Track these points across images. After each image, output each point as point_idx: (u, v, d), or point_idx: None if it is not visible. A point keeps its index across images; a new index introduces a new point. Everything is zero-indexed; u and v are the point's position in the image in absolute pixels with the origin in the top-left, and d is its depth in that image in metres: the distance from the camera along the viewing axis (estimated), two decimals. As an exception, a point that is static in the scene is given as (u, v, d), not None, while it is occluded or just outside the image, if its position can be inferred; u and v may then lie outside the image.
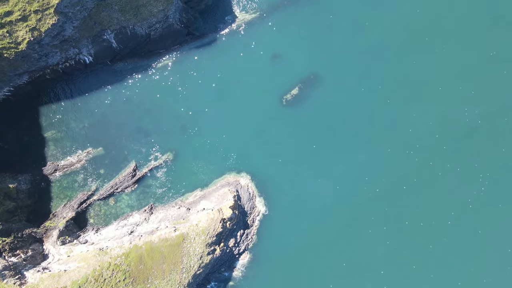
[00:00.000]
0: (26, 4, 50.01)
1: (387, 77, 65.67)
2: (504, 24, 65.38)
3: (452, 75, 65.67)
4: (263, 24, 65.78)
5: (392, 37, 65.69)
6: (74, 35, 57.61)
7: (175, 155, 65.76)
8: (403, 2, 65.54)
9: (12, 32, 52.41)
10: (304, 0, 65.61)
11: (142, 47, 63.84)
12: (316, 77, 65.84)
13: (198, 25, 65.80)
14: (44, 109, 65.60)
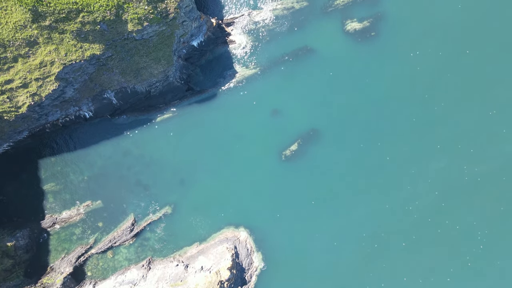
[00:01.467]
0: (27, 73, 50.16)
1: (387, 134, 65.72)
2: (503, 84, 65.42)
3: (451, 133, 65.72)
4: (263, 79, 65.92)
5: (392, 94, 65.76)
6: (75, 96, 57.80)
7: (174, 209, 65.74)
8: (403, 60, 65.60)
9: (13, 98, 52.57)
10: (304, 56, 65.72)
11: (142, 102, 63.97)
12: (316, 133, 65.90)
13: (198, 80, 65.95)
14: (44, 161, 65.66)
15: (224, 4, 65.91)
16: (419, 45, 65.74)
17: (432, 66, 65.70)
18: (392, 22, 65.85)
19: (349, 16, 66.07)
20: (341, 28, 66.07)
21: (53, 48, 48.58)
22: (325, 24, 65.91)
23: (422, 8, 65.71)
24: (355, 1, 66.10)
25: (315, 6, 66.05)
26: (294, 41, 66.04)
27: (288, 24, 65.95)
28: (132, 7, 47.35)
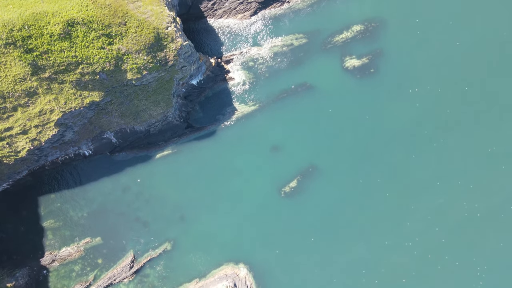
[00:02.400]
0: (27, 121, 50.26)
1: (386, 170, 65.76)
2: (502, 121, 65.54)
3: (450, 169, 65.74)
4: (262, 115, 65.99)
5: (392, 131, 65.85)
6: (74, 138, 57.89)
7: (174, 245, 65.69)
8: (402, 97, 65.73)
9: (12, 143, 52.65)
10: (303, 93, 65.86)
11: (141, 140, 64.05)
12: (315, 169, 65.93)
13: (197, 116, 66.02)
14: (43, 198, 65.66)
15: (223, 42, 66.06)
16: (418, 82, 65.91)
17: (431, 103, 65.83)
18: (391, 58, 66.01)
19: (348, 52, 66.24)
20: (340, 65, 66.22)
21: (53, 98, 48.70)
22: (324, 60, 66.06)
23: (420, 45, 65.90)
24: (354, 38, 66.26)
25: (314, 43, 66.19)
26: (293, 78, 66.18)
27: (287, 60, 66.10)
28: (131, 58, 47.47)
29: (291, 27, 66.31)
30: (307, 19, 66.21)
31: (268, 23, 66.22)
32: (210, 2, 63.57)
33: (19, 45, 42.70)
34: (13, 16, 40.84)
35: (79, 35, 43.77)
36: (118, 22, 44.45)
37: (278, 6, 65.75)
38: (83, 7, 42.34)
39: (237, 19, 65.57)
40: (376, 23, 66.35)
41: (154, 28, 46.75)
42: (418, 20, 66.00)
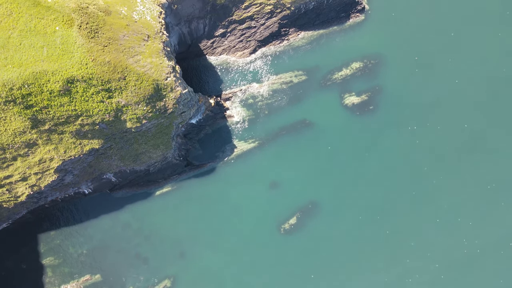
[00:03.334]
0: (26, 169, 50.28)
1: (386, 207, 65.81)
2: (502, 158, 65.62)
3: (450, 206, 65.79)
4: (262, 152, 66.03)
5: (391, 167, 65.91)
6: (74, 180, 57.91)
7: (173, 282, 65.62)
8: (402, 133, 65.85)
9: (12, 189, 52.66)
10: (302, 130, 65.90)
11: (141, 178, 64.06)
12: (314, 206, 65.96)
13: (197, 154, 66.07)
14: (43, 235, 65.64)
15: (223, 79, 66.16)
16: (418, 119, 66.02)
17: (430, 140, 65.93)
18: (390, 96, 66.13)
19: (347, 90, 66.35)
20: (340, 102, 66.33)
21: (52, 148, 48.74)
22: (323, 98, 66.17)
23: (419, 82, 66.02)
24: (353, 75, 66.38)
25: (314, 80, 66.31)
26: (292, 115, 66.27)
27: (286, 97, 66.19)
28: (131, 109, 47.54)
29: (290, 64, 66.43)
30: (306, 56, 66.34)
31: (267, 60, 66.34)
32: (210, 40, 63.68)
33: (18, 102, 42.77)
34: (13, 75, 40.91)
35: (78, 91, 43.84)
36: (118, 77, 44.54)
37: (278, 44, 65.86)
38: (83, 65, 42.41)
39: (236, 57, 65.69)
40: (375, 60, 66.48)
41: (154, 80, 46.84)
42: (417, 57, 66.10)
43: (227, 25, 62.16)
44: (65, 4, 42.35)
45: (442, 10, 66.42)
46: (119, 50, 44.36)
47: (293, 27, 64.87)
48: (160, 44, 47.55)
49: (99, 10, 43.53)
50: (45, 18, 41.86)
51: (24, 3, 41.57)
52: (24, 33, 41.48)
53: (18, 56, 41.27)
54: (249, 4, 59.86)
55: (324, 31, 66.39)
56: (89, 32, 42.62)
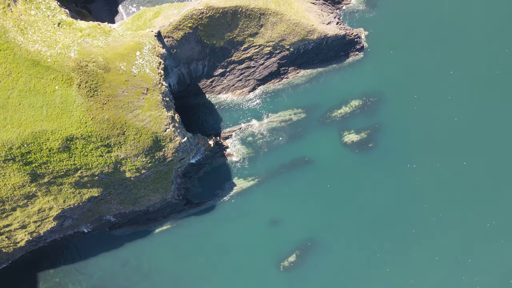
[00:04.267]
0: (26, 218, 50.32)
1: (386, 245, 65.72)
2: (501, 196, 65.63)
3: (449, 244, 65.72)
4: (261, 190, 65.97)
5: (391, 205, 65.85)
6: (73, 223, 57.92)
7: (173, 321, 65.55)
8: (401, 171, 65.79)
9: (11, 236, 52.66)
10: (302, 168, 65.87)
11: (140, 217, 64.06)
12: (314, 243, 65.89)
13: (196, 192, 66.06)
14: (42, 273, 65.53)
15: (222, 117, 66.19)
16: (417, 157, 66.00)
17: (430, 177, 65.88)
18: (390, 133, 66.15)
19: (346, 127, 66.39)
20: (339, 140, 66.35)
21: (52, 198, 48.79)
22: (322, 135, 66.18)
23: (419, 120, 66.03)
24: (352, 112, 66.43)
25: (313, 118, 66.34)
26: (291, 152, 66.26)
27: (286, 135, 66.22)
28: (130, 161, 47.59)
29: (289, 102, 66.49)
30: (305, 94, 66.40)
31: (266, 98, 66.39)
32: (209, 80, 63.77)
33: (18, 160, 42.81)
34: (12, 136, 40.99)
35: (77, 147, 43.92)
36: (117, 133, 44.61)
37: (277, 82, 65.94)
38: (82, 124, 42.49)
39: (235, 95, 65.76)
40: (375, 98, 66.56)
41: (153, 133, 46.89)
42: (416, 95, 66.17)
43: (226, 65, 62.26)
44: (64, 63, 42.44)
45: (441, 48, 66.50)
46: (118, 106, 44.43)
47: (292, 66, 64.96)
48: (159, 96, 47.62)
49: (98, 68, 43.61)
50: (45, 77, 41.96)
51: (23, 63, 41.68)
52: (24, 93, 41.58)
53: (17, 116, 41.35)
54: (248, 46, 59.95)
55: (323, 69, 66.48)
56: (88, 91, 42.70)
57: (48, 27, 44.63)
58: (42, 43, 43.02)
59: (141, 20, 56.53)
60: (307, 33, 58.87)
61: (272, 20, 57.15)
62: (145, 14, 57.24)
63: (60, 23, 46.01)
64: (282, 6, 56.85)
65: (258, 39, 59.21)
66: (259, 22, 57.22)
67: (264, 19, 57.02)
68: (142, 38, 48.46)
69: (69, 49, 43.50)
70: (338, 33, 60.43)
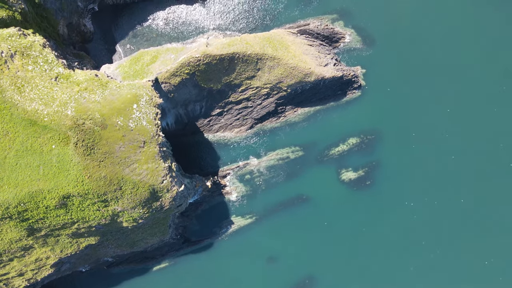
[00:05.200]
0: (23, 267, 50.32)
1: (384, 282, 65.65)
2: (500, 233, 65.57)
3: (448, 281, 65.65)
4: (259, 227, 65.98)
5: (389, 242, 65.81)
6: (71, 267, 57.86)
7: None
8: (399, 209, 65.80)
9: (9, 283, 52.58)
10: (299, 205, 65.87)
11: (138, 255, 64.01)
12: (311, 281, 65.86)
13: (194, 229, 66.06)
14: (40, 311, 65.42)
15: (220, 156, 66.24)
16: (415, 194, 66.03)
17: (428, 215, 65.89)
18: (387, 171, 66.20)
19: (344, 165, 66.44)
20: (337, 177, 66.40)
21: (49, 249, 48.83)
22: (320, 173, 66.22)
23: (416, 158, 66.06)
24: (350, 150, 66.50)
25: (311, 156, 66.41)
26: (289, 190, 66.29)
27: (283, 173, 66.27)
28: (127, 213, 47.65)
29: (287, 140, 66.55)
30: (303, 131, 66.45)
31: (264, 136, 66.47)
32: (206, 119, 63.87)
33: (14, 218, 42.87)
34: (9, 196, 41.07)
35: (74, 203, 43.98)
36: (114, 188, 44.68)
37: (274, 120, 66.02)
38: (79, 182, 42.57)
39: (233, 133, 65.85)
40: (372, 135, 66.64)
41: (150, 186, 46.96)
42: (414, 133, 66.26)
43: (224, 106, 62.38)
44: (61, 122, 42.55)
45: (437, 86, 66.58)
46: (115, 162, 44.51)
47: (290, 105, 65.05)
48: (156, 148, 47.68)
49: (95, 125, 43.72)
50: (42, 136, 42.07)
51: (20, 123, 41.80)
52: (21, 152, 41.68)
53: (14, 176, 41.43)
54: (245, 88, 60.08)
55: (321, 107, 66.58)
56: (85, 150, 42.79)
57: (45, 82, 44.76)
58: (39, 101, 43.15)
59: (138, 64, 56.66)
60: (305, 76, 59.00)
61: (269, 64, 57.29)
62: (143, 57, 57.37)
63: (57, 77, 46.14)
64: (279, 50, 56.98)
65: (255, 82, 59.33)
66: (256, 66, 57.34)
67: (261, 63, 57.15)
68: (139, 90, 48.56)
69: (66, 106, 43.62)
70: (335, 75, 60.54)
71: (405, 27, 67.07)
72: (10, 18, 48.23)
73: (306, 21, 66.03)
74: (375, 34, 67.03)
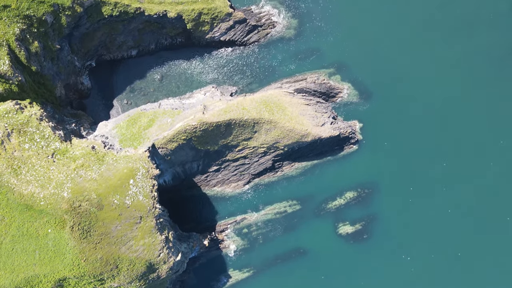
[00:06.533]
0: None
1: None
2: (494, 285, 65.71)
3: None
4: (256, 282, 65.77)
5: (388, 290, 66.11)
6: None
7: None
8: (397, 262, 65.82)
9: None
10: (297, 259, 65.78)
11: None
12: (310, 334, 65.89)
13: (192, 283, 65.92)
14: None
15: (217, 210, 66.30)
16: (412, 248, 66.03)
17: (425, 268, 65.87)
18: (384, 225, 66.28)
19: (341, 219, 66.53)
20: (334, 231, 66.47)
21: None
22: (317, 227, 66.29)
23: (413, 212, 66.19)
24: (347, 204, 66.61)
25: (308, 210, 66.51)
26: (287, 244, 66.29)
27: (281, 227, 66.31)
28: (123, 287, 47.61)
29: (284, 194, 66.69)
30: (300, 185, 66.61)
31: (261, 190, 66.58)
32: (203, 175, 63.98)
33: (11, 300, 42.85)
34: (5, 282, 41.05)
35: (70, 283, 43.95)
36: (110, 268, 44.70)
37: (272, 175, 66.17)
38: (75, 266, 42.59)
39: (230, 188, 65.95)
40: (369, 189, 66.79)
41: (146, 261, 46.99)
42: (412, 188, 66.42)
43: (221, 163, 62.49)
44: (57, 206, 42.64)
45: (434, 140, 66.81)
46: (111, 242, 44.56)
47: (287, 160, 65.19)
48: (153, 221, 47.70)
49: (92, 206, 43.81)
50: (38, 221, 42.13)
51: (16, 208, 41.87)
52: (17, 237, 41.71)
53: (10, 261, 41.45)
54: (242, 148, 60.23)
55: (318, 161, 66.75)
56: (81, 233, 42.84)
57: (42, 162, 44.85)
58: (36, 183, 43.25)
59: (135, 126, 56.79)
60: (301, 137, 59.16)
61: (266, 127, 57.46)
62: (140, 119, 57.52)
63: (54, 153, 46.24)
64: (275, 113, 57.19)
65: (252, 142, 59.48)
66: (253, 129, 57.51)
67: (258, 127, 57.33)
68: (136, 163, 48.66)
69: (63, 187, 43.71)
70: (332, 134, 60.73)
71: (402, 81, 67.31)
72: (7, 91, 48.42)
73: (303, 76, 66.31)
74: (372, 88, 67.33)
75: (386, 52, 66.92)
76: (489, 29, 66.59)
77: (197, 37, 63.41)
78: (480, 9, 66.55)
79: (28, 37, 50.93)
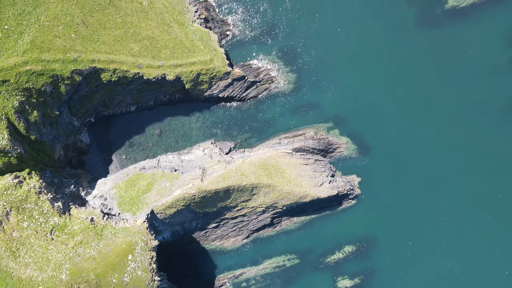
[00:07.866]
0: None
1: None
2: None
3: None
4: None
5: None
6: None
7: None
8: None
9: None
10: (296, 313, 66.10)
11: None
12: None
13: None
14: None
15: (216, 264, 66.34)
16: (411, 302, 66.26)
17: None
18: (383, 279, 66.42)
19: (340, 272, 66.60)
20: (333, 285, 66.55)
21: None
22: (316, 281, 66.36)
23: (412, 266, 66.31)
24: (346, 258, 66.68)
25: (306, 263, 66.58)
26: (286, 298, 66.42)
27: (280, 281, 66.34)
28: None
29: (283, 248, 66.77)
30: (299, 239, 66.72)
31: (260, 245, 66.67)
32: (203, 231, 64.06)
33: None
34: None
35: None
36: None
37: (270, 230, 66.28)
38: None
39: (229, 243, 66.03)
40: (368, 243, 66.87)
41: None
42: (410, 242, 66.50)
43: (220, 221, 62.61)
44: (55, 290, 42.76)
45: (432, 194, 66.90)
46: (110, 323, 44.66)
47: (286, 216, 65.36)
48: (151, 295, 47.83)
49: None
50: (35, 306, 42.22)
51: None
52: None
53: None
54: (241, 208, 60.38)
55: (317, 216, 66.88)
56: (80, 318, 43.00)
57: (40, 241, 44.97)
58: (34, 266, 43.34)
59: (134, 189, 56.94)
60: (300, 198, 59.33)
61: (265, 190, 57.64)
62: (138, 182, 57.66)
63: (52, 229, 46.38)
64: (274, 177, 57.39)
65: (251, 203, 59.64)
66: (252, 192, 57.68)
67: (256, 190, 57.49)
68: (134, 236, 48.79)
69: (61, 269, 43.83)
70: (330, 194, 60.84)
71: (400, 135, 67.41)
72: (6, 164, 48.57)
73: (302, 131, 66.49)
74: (370, 142, 67.48)
75: (384, 106, 67.07)
76: (488, 83, 66.77)
77: (196, 94, 63.61)
78: (478, 64, 66.74)
79: (27, 107, 51.11)
